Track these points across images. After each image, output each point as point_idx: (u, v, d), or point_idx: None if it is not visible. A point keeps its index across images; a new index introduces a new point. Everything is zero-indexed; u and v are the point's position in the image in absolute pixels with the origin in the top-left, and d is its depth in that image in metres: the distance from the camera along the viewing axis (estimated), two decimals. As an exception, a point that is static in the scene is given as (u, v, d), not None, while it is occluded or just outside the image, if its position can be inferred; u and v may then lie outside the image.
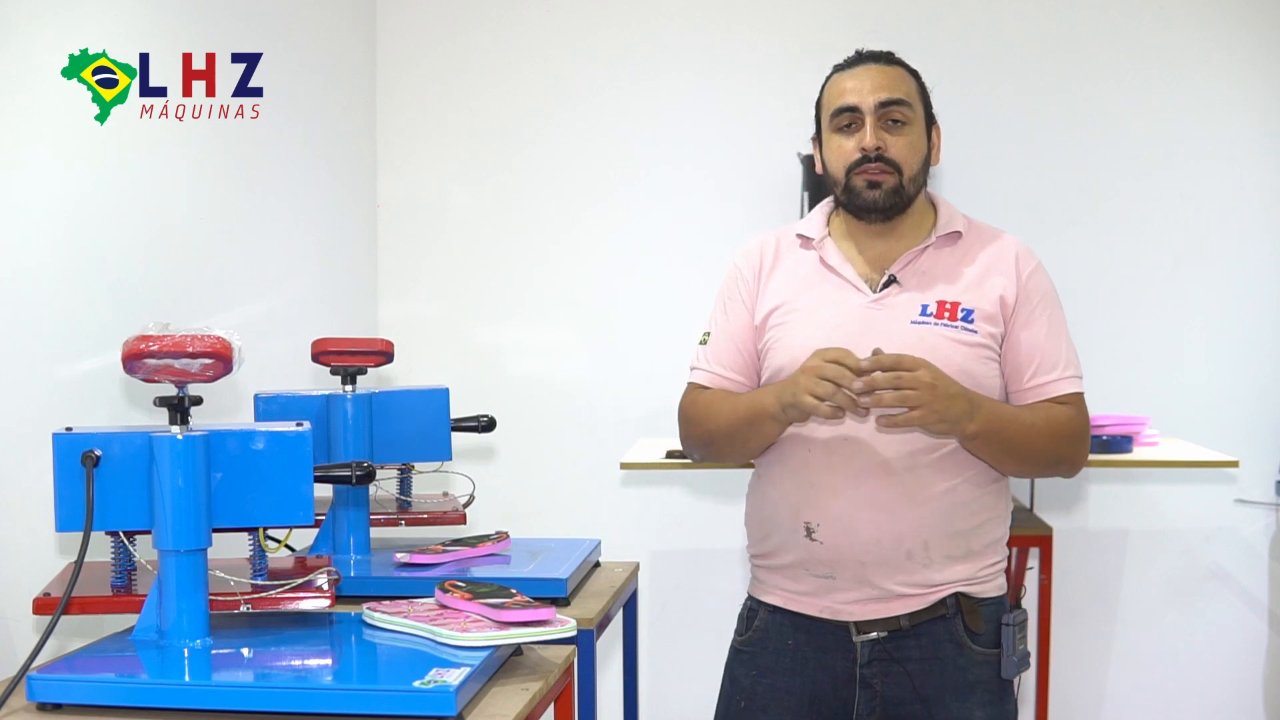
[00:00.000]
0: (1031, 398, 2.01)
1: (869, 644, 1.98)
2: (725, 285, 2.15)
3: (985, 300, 2.01)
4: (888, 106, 2.01)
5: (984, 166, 3.67)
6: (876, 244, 2.06)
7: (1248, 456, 3.40)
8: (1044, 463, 2.06)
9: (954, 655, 1.98)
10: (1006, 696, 2.03)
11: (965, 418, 1.88)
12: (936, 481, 1.96)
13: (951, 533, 1.97)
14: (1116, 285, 3.67)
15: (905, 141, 2.02)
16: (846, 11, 3.69)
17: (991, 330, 2.00)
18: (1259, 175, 3.63)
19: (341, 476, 1.86)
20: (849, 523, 1.95)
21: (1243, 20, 3.62)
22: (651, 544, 3.68)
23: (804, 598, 2.01)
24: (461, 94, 3.73)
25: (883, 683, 1.98)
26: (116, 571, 1.83)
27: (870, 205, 2.01)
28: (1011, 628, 2.00)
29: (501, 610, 1.77)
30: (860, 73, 2.04)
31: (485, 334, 3.76)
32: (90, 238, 2.24)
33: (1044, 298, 2.05)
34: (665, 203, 3.69)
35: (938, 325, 1.98)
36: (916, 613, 1.97)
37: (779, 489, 2.03)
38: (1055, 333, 2.04)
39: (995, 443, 1.94)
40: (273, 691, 1.60)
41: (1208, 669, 3.69)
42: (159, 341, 1.68)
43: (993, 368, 2.00)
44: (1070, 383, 2.02)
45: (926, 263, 2.04)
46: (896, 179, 2.00)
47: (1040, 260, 2.08)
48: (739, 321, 2.10)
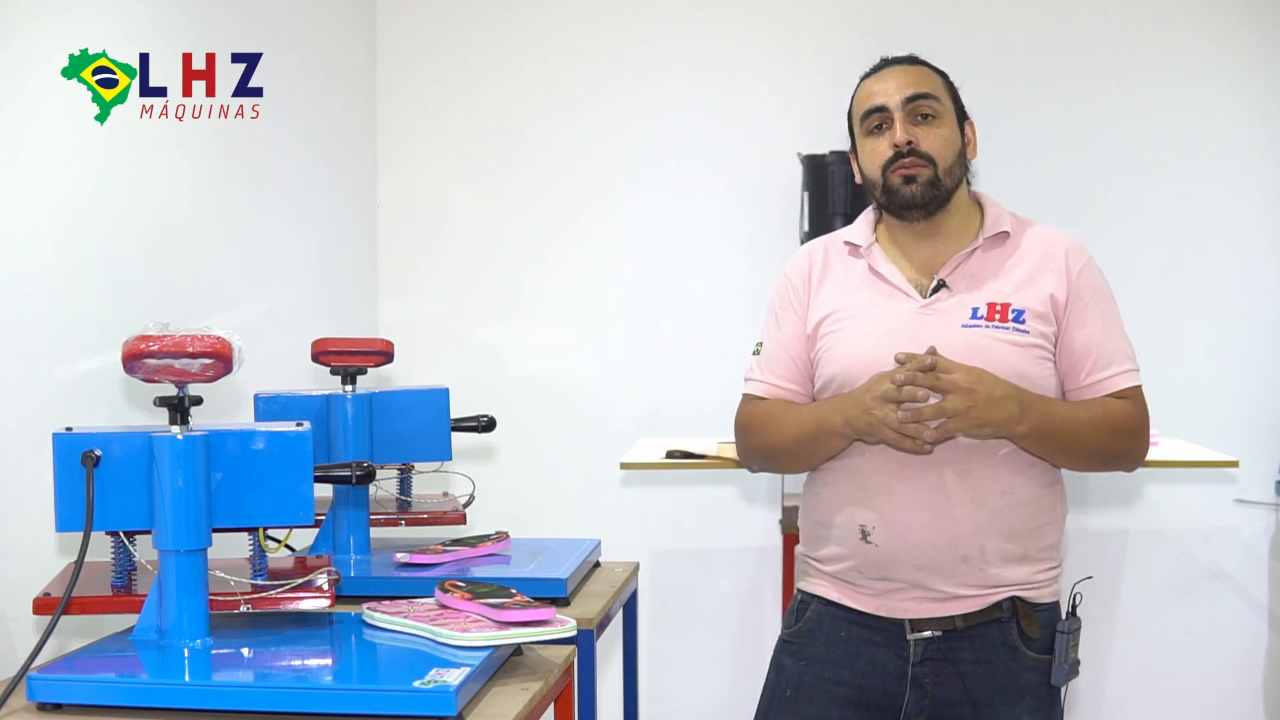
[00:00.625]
0: (1089, 395, 2.00)
1: (923, 643, 1.96)
2: (777, 295, 2.14)
3: (1036, 300, 1.99)
4: (914, 101, 2.00)
5: (983, 166, 3.64)
6: (924, 248, 2.05)
7: (1248, 456, 3.40)
8: (1102, 458, 2.05)
9: (1007, 659, 1.97)
10: (1054, 704, 2.02)
11: (1013, 420, 1.88)
12: (993, 483, 1.95)
13: (1008, 536, 1.95)
14: (1116, 285, 3.60)
15: (936, 134, 2.01)
16: (846, 11, 3.69)
17: (1044, 330, 1.99)
18: (1259, 175, 3.63)
19: (341, 476, 1.86)
20: (904, 525, 1.93)
21: (1243, 20, 3.62)
22: (651, 544, 3.68)
23: (860, 595, 2.00)
24: (461, 94, 3.73)
25: (934, 683, 1.96)
26: (116, 571, 1.83)
27: (909, 201, 2.00)
28: (1066, 635, 1.99)
29: (501, 610, 1.77)
30: (885, 75, 2.05)
31: (485, 334, 3.76)
32: (90, 238, 2.24)
33: (1095, 293, 2.04)
34: (665, 202, 3.70)
35: (989, 328, 1.97)
36: (972, 614, 1.95)
37: (833, 490, 2.02)
38: (1109, 328, 2.03)
39: (1049, 441, 1.94)
40: (273, 691, 1.60)
41: (1208, 669, 3.69)
42: (159, 341, 1.68)
43: (1047, 367, 1.99)
44: (1127, 377, 2.01)
45: (975, 265, 2.03)
46: (931, 171, 1.99)
47: (1091, 255, 2.07)
48: (791, 331, 2.09)
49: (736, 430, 2.14)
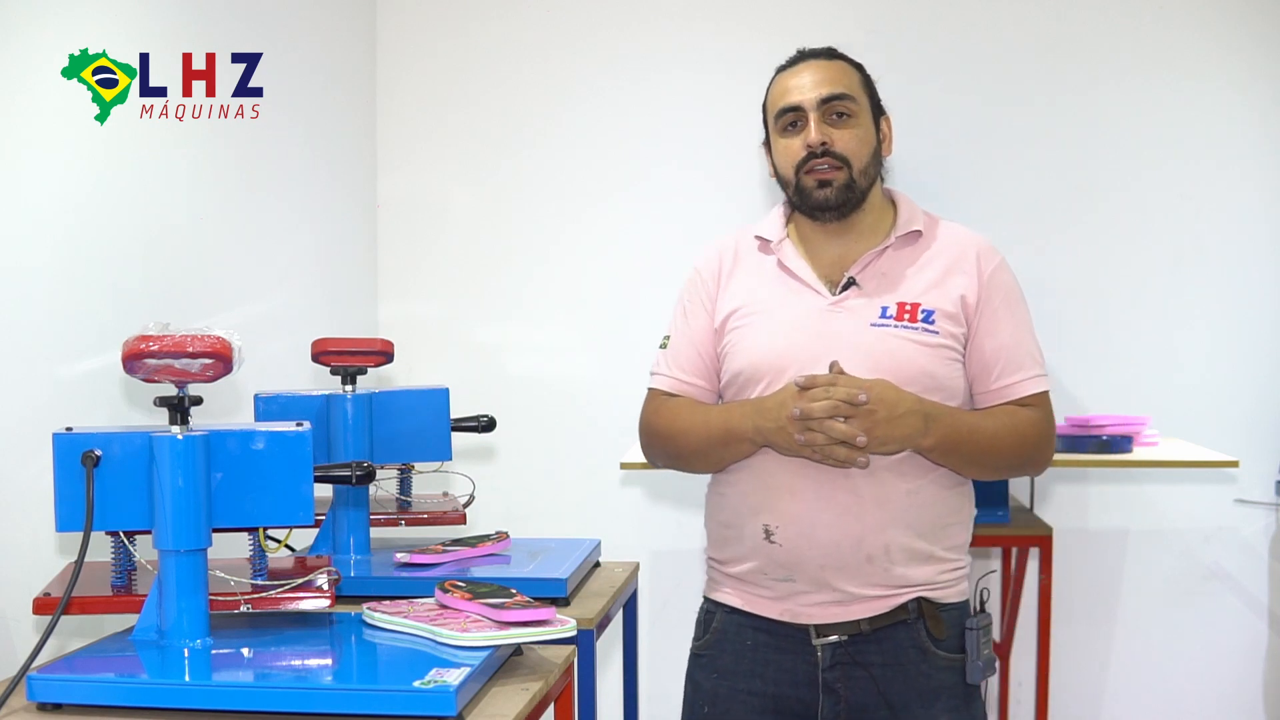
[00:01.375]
0: (997, 399, 1.99)
1: (830, 647, 1.95)
2: (685, 289, 2.13)
3: (946, 300, 1.98)
4: (830, 101, 1.99)
5: (983, 166, 3.67)
6: (835, 245, 2.03)
7: (1248, 456, 3.40)
8: (1007, 469, 2.05)
9: (917, 660, 1.95)
10: (974, 702, 2.00)
11: (918, 434, 1.88)
12: (898, 484, 1.93)
13: (913, 536, 1.94)
14: (1116, 285, 3.67)
15: (851, 134, 1.99)
16: (847, 12, 3.69)
17: (954, 330, 1.97)
18: (1259, 175, 3.63)
19: (341, 476, 1.85)
20: (808, 525, 1.92)
21: (1243, 21, 3.62)
22: (651, 544, 3.68)
23: (762, 600, 1.99)
24: (461, 94, 3.73)
25: (846, 687, 1.95)
26: (116, 571, 1.83)
27: (822, 204, 1.99)
28: (975, 632, 1.97)
29: (501, 610, 1.77)
30: (801, 70, 2.03)
31: (485, 334, 3.76)
32: (90, 238, 2.24)
33: (1006, 296, 2.01)
34: (665, 202, 3.69)
35: (898, 327, 1.95)
36: (877, 617, 1.94)
37: (737, 490, 2.01)
38: (1020, 332, 2.01)
39: (955, 454, 1.93)
40: (273, 691, 1.60)
41: (1208, 669, 3.69)
42: (159, 341, 1.68)
43: (956, 368, 1.97)
44: (1035, 382, 1.99)
45: (886, 263, 2.01)
46: (846, 174, 1.98)
47: (1003, 257, 2.05)
48: (699, 325, 2.08)
49: (641, 428, 2.12)
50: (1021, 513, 3.54)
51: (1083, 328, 3.67)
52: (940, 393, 1.95)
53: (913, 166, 3.64)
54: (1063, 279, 3.66)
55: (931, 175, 3.65)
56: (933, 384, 1.93)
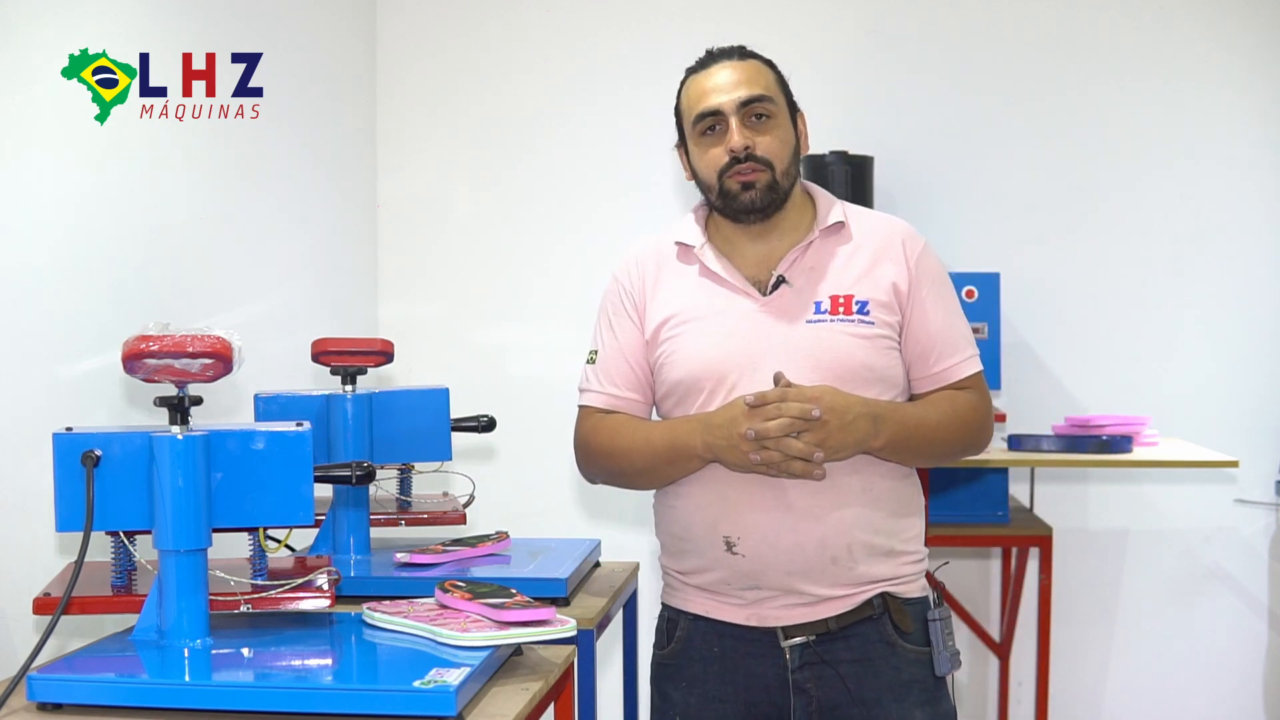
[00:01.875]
0: (934, 384, 1.99)
1: (798, 648, 1.94)
2: (608, 301, 2.10)
3: (878, 289, 1.97)
4: (750, 104, 1.96)
5: (983, 166, 3.67)
6: (758, 245, 2.02)
7: (1248, 456, 3.40)
8: (952, 455, 2.04)
9: (886, 655, 1.94)
10: (943, 695, 2.00)
11: (869, 437, 1.87)
12: (852, 480, 1.92)
13: (873, 532, 1.93)
14: (1116, 285, 3.67)
15: (772, 137, 1.97)
16: (847, 12, 3.70)
17: (888, 319, 1.96)
18: (1259, 175, 3.63)
19: (341, 476, 1.85)
20: (771, 533, 1.91)
21: (1243, 21, 3.62)
22: (651, 544, 3.66)
23: (727, 607, 1.98)
24: (461, 94, 3.73)
25: (817, 687, 1.94)
26: (116, 571, 1.83)
27: (747, 207, 1.97)
28: (939, 623, 1.97)
29: (501, 610, 1.77)
30: (715, 72, 1.99)
31: (485, 334, 3.76)
32: (90, 238, 2.24)
33: (934, 280, 2.01)
34: (665, 203, 3.69)
35: (834, 321, 1.94)
36: (844, 614, 1.93)
37: (691, 502, 1.98)
38: (951, 315, 2.01)
39: (903, 450, 1.93)
40: (273, 691, 1.60)
41: (1208, 669, 3.69)
42: (159, 341, 1.68)
43: (894, 358, 1.97)
44: (969, 364, 2.00)
45: (812, 258, 2.00)
46: (769, 175, 1.96)
47: (927, 240, 2.04)
48: (629, 337, 2.05)
49: (577, 448, 2.10)
50: (1021, 513, 3.54)
51: (1083, 328, 3.67)
52: (880, 384, 1.94)
53: (912, 165, 3.65)
54: (1063, 279, 3.66)
55: (931, 175, 3.65)
56: (873, 376, 1.93)
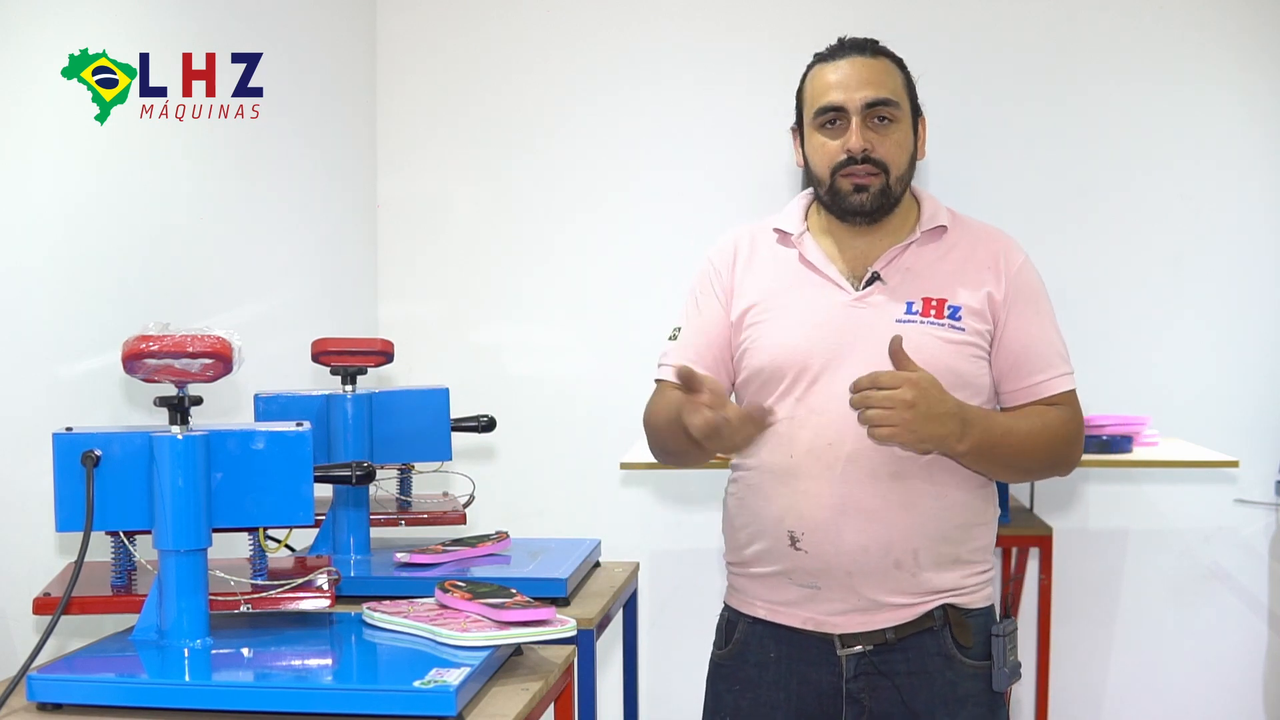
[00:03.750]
0: (1024, 398, 1.95)
1: (854, 658, 1.91)
2: (698, 280, 2.07)
3: (973, 297, 1.94)
4: (874, 106, 1.93)
5: (984, 166, 3.67)
6: (859, 241, 1.99)
7: (1248, 456, 3.40)
8: (1039, 471, 2.03)
9: (943, 669, 1.91)
10: (998, 709, 1.98)
11: (953, 438, 1.83)
12: (925, 487, 1.89)
13: (940, 540, 1.90)
14: (1117, 285, 3.67)
15: (892, 141, 1.94)
16: (848, 12, 3.69)
17: (979, 328, 1.93)
18: (1259, 175, 3.63)
19: (341, 476, 1.85)
20: (835, 531, 1.88)
21: (1243, 21, 3.62)
22: (651, 544, 3.68)
23: (786, 608, 1.95)
24: (461, 94, 3.73)
25: (870, 697, 1.92)
26: (116, 571, 1.83)
27: (857, 209, 1.94)
28: (1002, 639, 1.94)
29: (501, 610, 1.77)
30: (844, 66, 1.96)
31: (485, 334, 3.76)
32: (90, 238, 2.24)
33: (1032, 294, 1.98)
34: (665, 203, 3.69)
35: (924, 323, 1.91)
36: (902, 625, 1.90)
37: (760, 495, 1.95)
38: (1046, 329, 1.98)
39: (988, 458, 1.89)
40: (273, 691, 1.60)
41: (1208, 669, 3.69)
42: (159, 341, 1.68)
43: (982, 366, 1.94)
44: (1063, 380, 1.96)
45: (910, 259, 1.97)
46: (883, 180, 1.93)
47: (1027, 254, 2.01)
48: (713, 316, 2.02)
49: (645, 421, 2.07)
50: (1021, 513, 3.54)
51: (1083, 328, 3.66)
52: (966, 389, 1.91)
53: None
54: (1063, 279, 3.63)
55: (931, 175, 3.65)
56: (959, 381, 1.89)
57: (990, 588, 2.00)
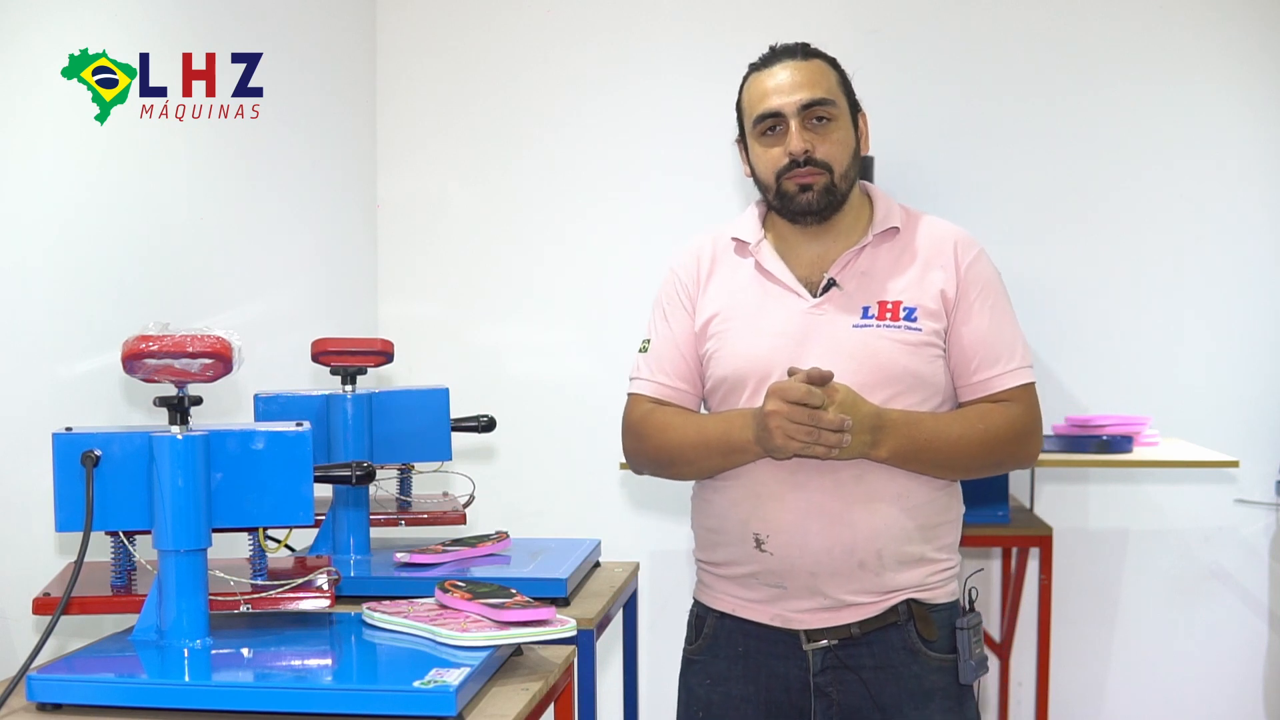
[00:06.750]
0: (976, 394, 1.97)
1: (820, 652, 1.94)
2: (664, 292, 2.11)
3: (926, 296, 1.96)
4: (811, 107, 1.96)
5: (983, 165, 3.67)
6: (813, 246, 2.02)
7: (1248, 456, 3.41)
8: (981, 469, 2.01)
9: (908, 662, 1.94)
10: (966, 702, 1.99)
11: (866, 446, 1.87)
12: (887, 487, 1.92)
13: (904, 540, 1.92)
14: (1117, 285, 3.67)
15: (833, 140, 1.97)
16: (847, 12, 3.69)
17: (935, 326, 1.95)
18: (1259, 175, 3.63)
19: (341, 476, 1.86)
20: (799, 533, 1.91)
21: (1243, 22, 3.62)
22: (651, 544, 3.68)
23: (753, 605, 1.98)
24: (461, 94, 3.73)
25: (838, 691, 1.94)
26: (116, 571, 1.83)
27: (805, 209, 1.97)
28: (966, 632, 1.96)
29: (501, 610, 1.77)
30: (778, 72, 1.99)
31: (485, 334, 3.76)
32: (90, 238, 2.24)
33: (985, 287, 1.99)
34: (665, 203, 3.69)
35: (880, 327, 1.94)
36: (867, 620, 1.93)
37: (725, 497, 1.99)
38: (998, 324, 1.98)
39: (914, 462, 1.91)
40: (273, 691, 1.60)
41: (1208, 669, 3.69)
42: (159, 341, 1.68)
43: (939, 365, 1.96)
44: (1016, 375, 1.97)
45: (865, 262, 2.00)
46: (827, 178, 1.96)
47: (982, 247, 2.03)
48: (682, 328, 2.06)
49: (626, 434, 2.08)
50: (1021, 513, 3.54)
51: (1083, 328, 3.67)
52: (924, 389, 1.94)
53: (913, 165, 3.64)
54: (1063, 279, 3.66)
55: (931, 175, 3.65)
56: (917, 382, 1.93)
57: (955, 583, 2.02)
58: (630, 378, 2.11)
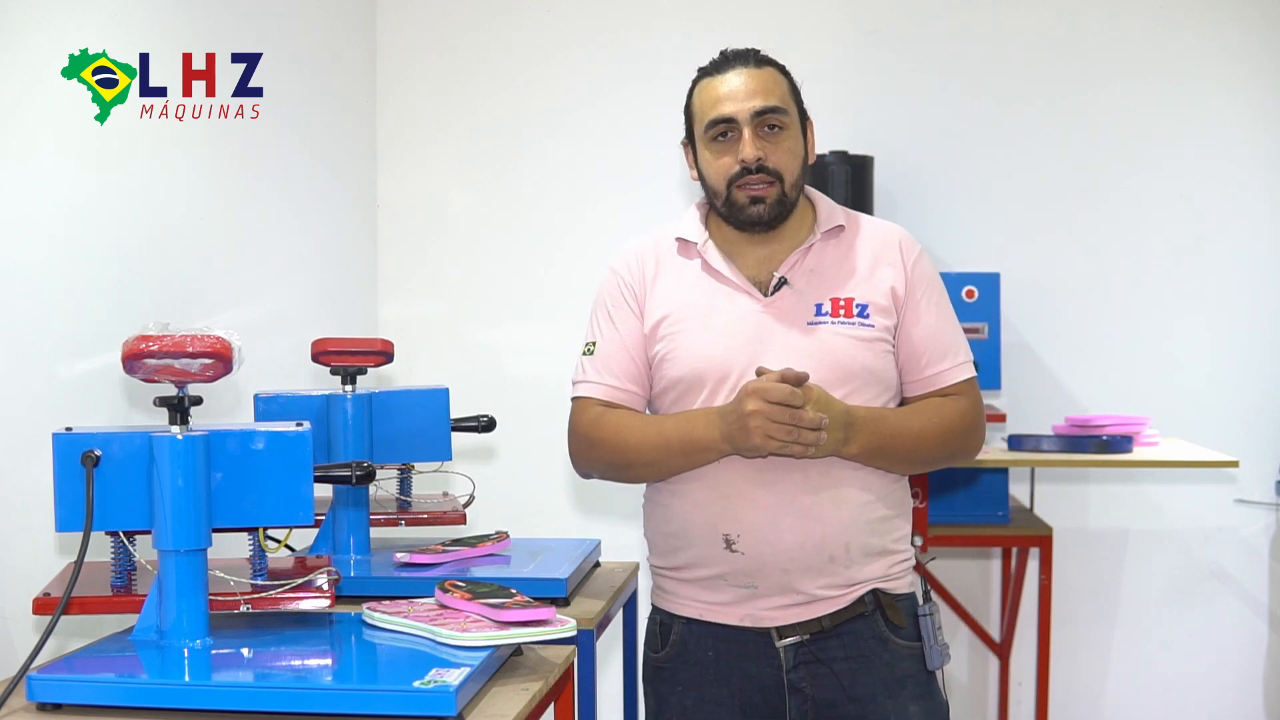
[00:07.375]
0: (924, 388, 2.01)
1: (792, 648, 1.95)
2: (607, 293, 2.10)
3: (877, 293, 1.99)
4: (763, 115, 1.96)
5: (983, 166, 3.67)
6: (759, 248, 2.03)
7: (1248, 456, 3.41)
8: (936, 462, 2.06)
9: (879, 651, 1.96)
10: (935, 689, 2.02)
11: (838, 443, 1.89)
12: (851, 481, 1.94)
13: (869, 532, 1.95)
14: (1117, 285, 3.67)
15: (784, 149, 1.98)
16: (847, 12, 3.70)
17: (886, 323, 1.98)
18: (1259, 175, 3.64)
19: (341, 476, 1.86)
20: (772, 531, 1.92)
21: (1243, 22, 3.62)
22: (651, 544, 3.67)
23: (722, 608, 1.98)
24: (461, 94, 3.73)
25: (812, 686, 1.95)
26: (116, 571, 1.83)
27: (755, 219, 1.98)
28: (928, 618, 2.00)
29: (501, 610, 1.77)
30: (732, 78, 1.98)
31: (485, 334, 3.76)
32: (90, 238, 2.24)
33: (930, 284, 2.03)
34: (665, 203, 3.69)
35: (835, 324, 1.97)
36: (837, 613, 1.95)
37: (687, 500, 1.99)
38: (944, 320, 2.03)
39: (879, 458, 1.94)
40: (273, 691, 1.60)
41: (1208, 669, 3.69)
42: (159, 341, 1.68)
43: (890, 361, 1.99)
44: (962, 369, 2.02)
45: (813, 261, 2.02)
46: (779, 189, 1.97)
47: (922, 247, 2.07)
48: (629, 329, 2.05)
49: (577, 439, 2.07)
50: (1021, 513, 3.54)
51: (1083, 328, 3.67)
52: (878, 385, 1.97)
53: (913, 165, 3.65)
54: (1063, 279, 3.66)
55: (931, 175, 3.65)
56: (872, 378, 1.96)
57: (912, 574, 2.05)
58: (574, 381, 2.10)
